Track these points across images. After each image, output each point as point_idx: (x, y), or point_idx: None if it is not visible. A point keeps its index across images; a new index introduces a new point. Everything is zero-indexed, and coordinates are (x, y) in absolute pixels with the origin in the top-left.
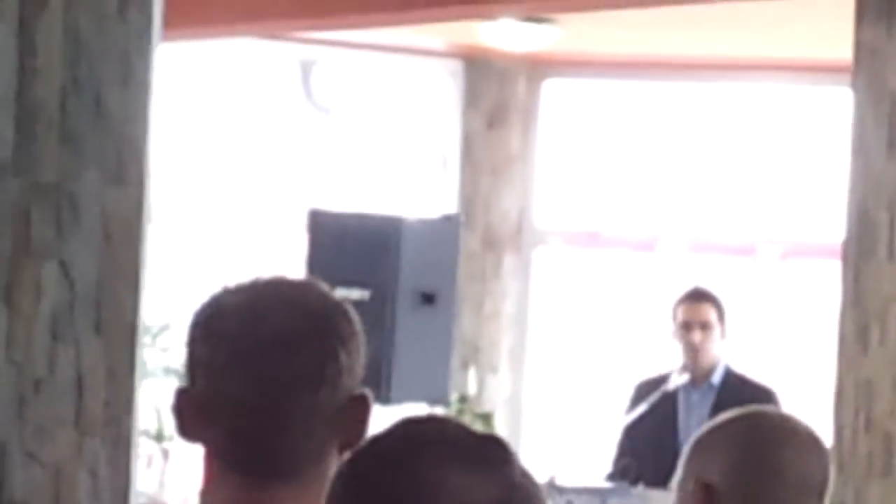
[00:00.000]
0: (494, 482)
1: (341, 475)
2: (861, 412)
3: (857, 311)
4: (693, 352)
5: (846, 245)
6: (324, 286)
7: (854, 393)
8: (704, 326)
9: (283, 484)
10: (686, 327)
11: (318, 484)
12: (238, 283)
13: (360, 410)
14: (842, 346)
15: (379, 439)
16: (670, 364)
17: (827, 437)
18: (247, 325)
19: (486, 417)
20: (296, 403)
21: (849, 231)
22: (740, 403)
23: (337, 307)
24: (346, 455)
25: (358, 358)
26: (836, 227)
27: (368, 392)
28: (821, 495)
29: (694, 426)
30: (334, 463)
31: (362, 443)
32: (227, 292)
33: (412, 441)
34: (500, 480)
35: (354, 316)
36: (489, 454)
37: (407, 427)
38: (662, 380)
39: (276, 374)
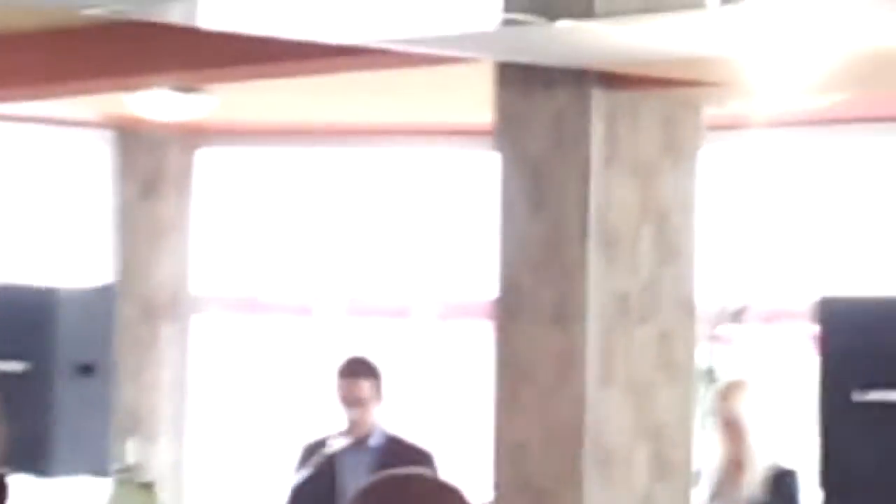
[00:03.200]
0: None
1: None
2: (515, 471)
3: (508, 372)
4: (352, 424)
5: (494, 306)
6: None
7: (509, 452)
8: (360, 403)
9: None
10: (344, 402)
11: None
12: None
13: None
14: (496, 406)
15: None
16: (334, 425)
17: (487, 496)
18: None
19: (149, 486)
20: None
21: (497, 292)
22: (398, 465)
23: None
24: None
25: None
26: (489, 287)
27: (5, 473)
28: None
29: (353, 488)
30: None
31: None
32: None
33: None
34: None
35: None
36: None
37: None
38: (326, 443)
39: None
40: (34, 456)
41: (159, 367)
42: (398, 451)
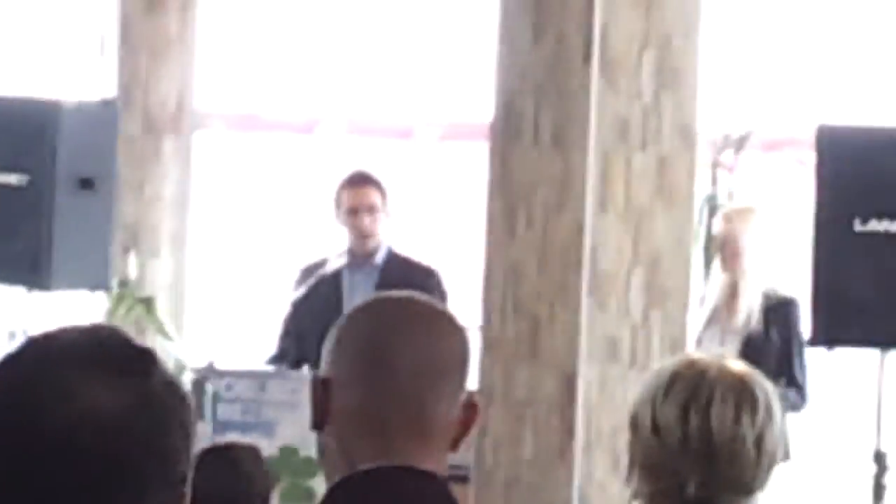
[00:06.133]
0: (126, 389)
1: None
2: (508, 295)
3: (504, 196)
4: (362, 236)
5: (493, 130)
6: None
7: (502, 276)
8: (371, 210)
9: None
10: (353, 212)
11: None
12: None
13: None
14: (490, 229)
15: (22, 346)
16: (334, 247)
17: (477, 319)
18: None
19: (148, 302)
20: None
21: (495, 116)
22: (403, 283)
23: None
24: None
25: None
26: (490, 109)
27: None
28: (452, 376)
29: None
30: None
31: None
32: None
33: (47, 348)
34: (134, 388)
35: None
36: (125, 362)
37: (48, 334)
38: (324, 264)
39: None
40: (33, 269)
41: (161, 182)
42: (404, 269)
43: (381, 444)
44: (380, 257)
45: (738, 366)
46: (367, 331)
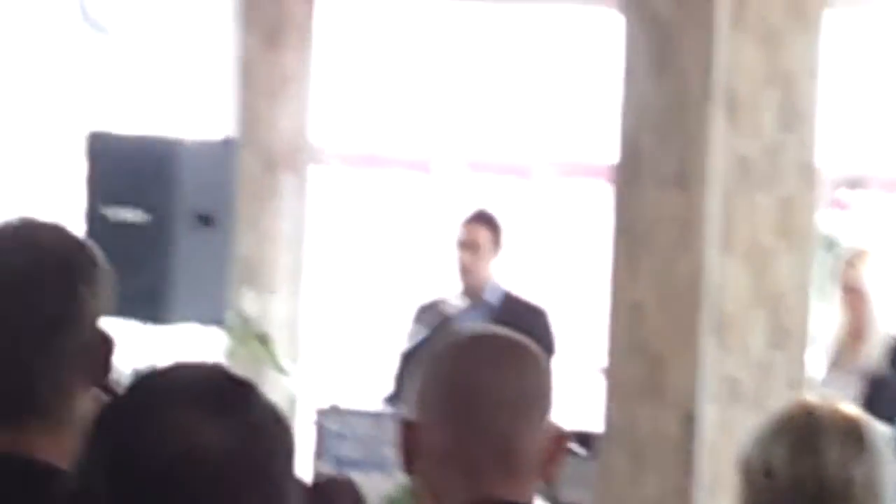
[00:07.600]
0: (230, 424)
1: (93, 420)
2: (630, 334)
3: (626, 235)
4: (462, 272)
5: (615, 169)
6: (63, 225)
7: (625, 315)
8: (473, 247)
9: (33, 423)
10: (458, 247)
11: (69, 421)
12: None
13: (103, 349)
14: (613, 269)
15: (129, 386)
16: (450, 285)
17: (600, 360)
18: None
19: (264, 338)
20: (37, 345)
21: (617, 154)
22: (515, 323)
23: (77, 245)
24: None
25: (102, 293)
26: (610, 148)
27: (109, 334)
28: (535, 409)
29: None
30: (85, 399)
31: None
32: None
33: (150, 385)
34: (237, 423)
35: (96, 252)
36: (229, 397)
37: (151, 373)
38: (441, 303)
39: (12, 318)
40: (152, 304)
41: (278, 218)
42: (513, 309)
43: (469, 483)
44: (492, 296)
45: (850, 408)
46: (449, 371)
